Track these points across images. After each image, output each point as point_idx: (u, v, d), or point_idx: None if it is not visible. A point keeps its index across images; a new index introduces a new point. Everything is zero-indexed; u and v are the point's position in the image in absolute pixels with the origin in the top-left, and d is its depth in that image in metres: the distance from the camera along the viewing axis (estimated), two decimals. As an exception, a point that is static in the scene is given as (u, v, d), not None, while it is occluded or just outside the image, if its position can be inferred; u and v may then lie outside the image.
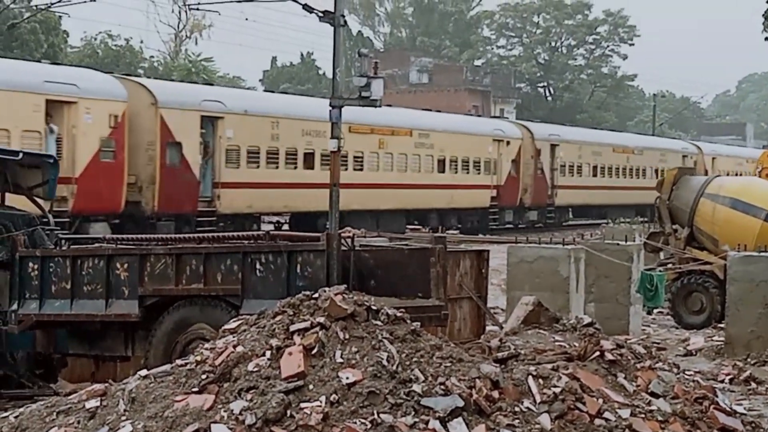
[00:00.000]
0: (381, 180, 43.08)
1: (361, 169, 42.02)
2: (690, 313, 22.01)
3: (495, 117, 77.20)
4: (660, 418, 8.64)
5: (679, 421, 8.69)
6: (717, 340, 17.81)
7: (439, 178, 46.68)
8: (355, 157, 41.65)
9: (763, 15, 47.49)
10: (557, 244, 18.92)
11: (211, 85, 48.18)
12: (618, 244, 20.33)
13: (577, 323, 11.01)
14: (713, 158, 72.98)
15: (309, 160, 39.61)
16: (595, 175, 60.05)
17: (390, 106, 47.39)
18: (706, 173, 65.46)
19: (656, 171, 62.51)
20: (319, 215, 37.02)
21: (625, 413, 8.53)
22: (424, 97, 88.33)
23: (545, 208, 55.33)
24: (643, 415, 8.60)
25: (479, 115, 77.73)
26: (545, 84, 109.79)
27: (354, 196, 39.47)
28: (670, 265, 22.70)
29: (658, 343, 17.34)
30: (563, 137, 57.74)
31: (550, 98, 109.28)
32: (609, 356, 9.34)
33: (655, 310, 23.02)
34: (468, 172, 48.93)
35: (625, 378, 9.17)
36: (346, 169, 39.11)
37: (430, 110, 54.49)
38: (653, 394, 9.04)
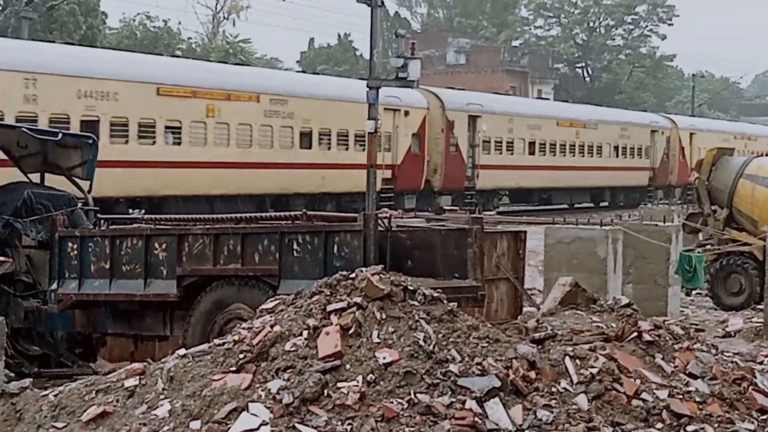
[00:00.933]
0: (208, 157, 34.04)
1: (179, 143, 33.44)
2: (729, 295, 21.91)
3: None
4: (698, 399, 8.61)
5: (718, 402, 8.65)
6: (756, 322, 17.69)
7: (303, 155, 38.01)
8: (168, 127, 33.18)
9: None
10: (595, 225, 18.86)
11: (248, 65, 48.80)
12: (656, 225, 20.23)
13: (614, 304, 10.98)
14: (691, 134, 65.72)
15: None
16: (532, 153, 50.81)
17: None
18: (682, 151, 63.08)
19: (616, 148, 58.14)
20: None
21: (662, 394, 8.51)
22: (462, 78, 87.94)
23: (463, 191, 45.80)
24: (680, 396, 8.57)
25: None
26: (583, 64, 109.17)
27: (171, 178, 32.52)
28: (708, 246, 22.59)
29: (697, 325, 17.25)
30: (487, 107, 48.17)
31: (588, 79, 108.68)
32: (647, 337, 9.31)
33: (693, 292, 22.94)
34: (347, 149, 40.09)
35: (662, 359, 9.14)
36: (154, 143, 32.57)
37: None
38: (691, 375, 9.01)
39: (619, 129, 58.79)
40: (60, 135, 16.05)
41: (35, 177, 15.90)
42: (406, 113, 43.09)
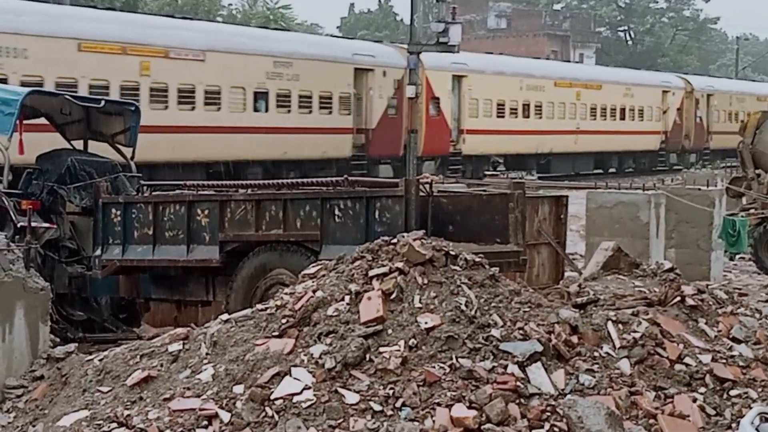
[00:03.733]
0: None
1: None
2: (772, 259, 21.73)
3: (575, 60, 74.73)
4: (741, 364, 8.57)
5: (761, 367, 8.61)
6: (800, 286, 17.59)
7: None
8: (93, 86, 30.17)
9: None
10: (637, 189, 18.76)
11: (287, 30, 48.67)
12: (699, 189, 20.11)
13: (657, 269, 10.93)
14: (708, 95, 62.92)
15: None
16: (526, 116, 47.99)
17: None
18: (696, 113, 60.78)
19: (622, 110, 54.74)
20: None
21: (705, 358, 8.48)
22: (503, 42, 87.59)
23: (448, 157, 43.47)
24: (724, 361, 8.54)
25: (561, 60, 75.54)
26: (626, 28, 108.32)
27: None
28: (752, 210, 22.40)
29: (740, 289, 17.13)
30: (473, 66, 44.80)
31: (630, 42, 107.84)
32: (690, 301, 9.27)
33: (737, 256, 22.78)
34: (328, 111, 38.28)
35: (706, 323, 9.10)
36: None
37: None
38: (735, 340, 8.97)
39: (624, 89, 55.23)
40: (103, 102, 16.12)
41: (78, 144, 15.99)
42: (384, 73, 40.01)
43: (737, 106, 64.36)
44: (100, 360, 9.22)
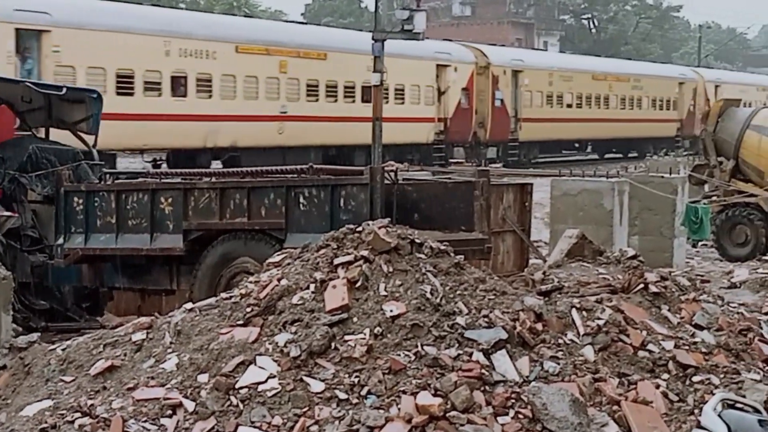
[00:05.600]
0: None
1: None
2: (734, 246, 21.93)
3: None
4: (704, 350, 8.62)
5: (723, 353, 8.67)
6: (761, 272, 17.66)
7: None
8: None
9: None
10: (601, 176, 18.84)
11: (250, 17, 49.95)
12: (662, 176, 20.22)
13: (620, 256, 10.97)
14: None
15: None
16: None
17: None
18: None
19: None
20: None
21: (668, 345, 8.52)
22: (467, 29, 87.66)
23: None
24: (687, 347, 8.58)
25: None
26: (589, 16, 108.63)
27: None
28: (714, 198, 22.57)
29: (702, 276, 17.20)
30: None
31: (594, 30, 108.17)
32: (653, 288, 9.32)
33: (699, 243, 22.95)
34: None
35: (669, 310, 9.15)
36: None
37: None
38: (697, 326, 9.02)
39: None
40: (64, 89, 16.01)
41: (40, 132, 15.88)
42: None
43: (562, 86, 53.18)
44: (63, 349, 9.16)
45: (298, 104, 38.55)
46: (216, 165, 34.69)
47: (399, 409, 7.41)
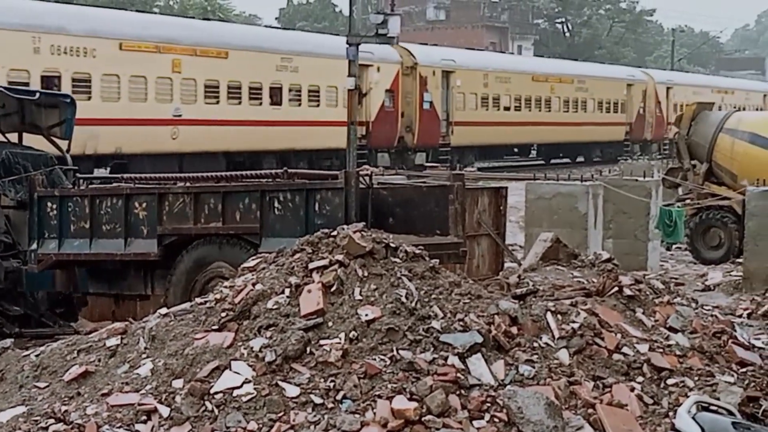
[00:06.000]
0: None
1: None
2: (708, 249, 22.01)
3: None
4: (678, 353, 8.66)
5: (698, 356, 8.71)
6: (735, 275, 17.80)
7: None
8: None
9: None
10: (575, 180, 18.89)
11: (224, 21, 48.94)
12: (636, 180, 20.32)
13: (595, 259, 11.01)
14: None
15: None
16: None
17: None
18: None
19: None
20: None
21: (643, 348, 8.55)
22: (441, 34, 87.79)
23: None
24: (661, 350, 8.62)
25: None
26: (563, 20, 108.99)
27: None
28: (688, 201, 22.67)
29: (677, 279, 17.34)
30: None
31: (568, 34, 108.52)
32: (627, 292, 9.35)
33: (673, 246, 23.03)
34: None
35: (643, 313, 9.19)
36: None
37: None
38: (671, 329, 9.06)
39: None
40: (37, 94, 15.95)
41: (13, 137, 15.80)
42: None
43: (498, 87, 50.49)
44: (37, 355, 9.12)
45: (194, 107, 35.19)
46: (101, 173, 31.00)
47: (374, 413, 7.41)
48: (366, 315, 8.16)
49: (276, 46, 34.70)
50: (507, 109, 50.78)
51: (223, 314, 8.47)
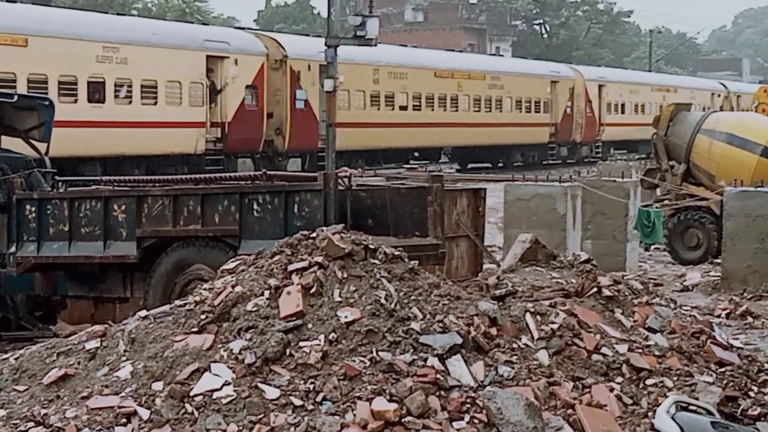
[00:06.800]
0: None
1: None
2: (687, 249, 22.09)
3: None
4: (657, 353, 8.69)
5: (677, 356, 8.74)
6: (713, 276, 17.87)
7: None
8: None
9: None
10: (554, 181, 18.94)
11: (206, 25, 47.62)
12: (614, 180, 20.40)
13: (574, 260, 11.04)
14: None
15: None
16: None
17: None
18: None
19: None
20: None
21: (622, 348, 8.58)
22: (420, 35, 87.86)
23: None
24: (640, 350, 8.65)
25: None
26: (541, 21, 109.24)
27: None
28: (666, 202, 22.75)
29: (655, 279, 17.40)
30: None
31: (545, 36, 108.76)
32: (606, 292, 9.38)
33: (652, 247, 23.11)
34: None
35: (622, 314, 9.22)
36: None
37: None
38: (650, 330, 9.09)
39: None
40: (16, 97, 15.90)
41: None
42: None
43: (392, 84, 44.85)
44: (16, 359, 9.09)
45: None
46: None
47: (354, 415, 7.41)
48: (345, 317, 8.17)
49: (96, 33, 30.24)
50: (404, 108, 45.31)
51: (203, 316, 8.46)
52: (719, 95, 67.28)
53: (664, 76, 76.96)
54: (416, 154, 49.01)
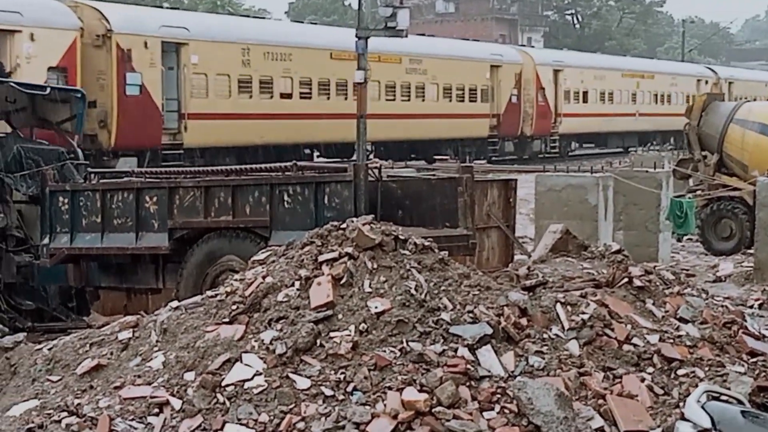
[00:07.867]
0: None
1: None
2: (719, 240, 21.99)
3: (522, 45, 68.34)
4: (688, 343, 8.66)
5: (708, 346, 8.71)
6: (746, 266, 17.80)
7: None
8: None
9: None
10: (585, 172, 18.89)
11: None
12: (647, 171, 20.32)
13: (605, 250, 11.00)
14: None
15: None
16: None
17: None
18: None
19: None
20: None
21: (653, 339, 8.56)
22: (451, 26, 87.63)
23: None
24: (671, 341, 8.62)
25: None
26: (573, 11, 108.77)
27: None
28: (699, 192, 22.64)
29: (687, 270, 17.34)
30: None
31: (578, 26, 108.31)
32: (637, 282, 9.35)
33: (684, 237, 23.02)
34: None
35: (653, 304, 9.19)
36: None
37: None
38: (682, 320, 9.06)
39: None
40: (48, 89, 16.00)
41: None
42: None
43: (269, 67, 37.46)
44: (50, 349, 9.16)
45: None
46: None
47: (385, 405, 7.43)
48: (376, 307, 8.18)
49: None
50: (287, 96, 38.03)
51: (234, 307, 8.50)
52: (706, 82, 60.54)
53: (639, 61, 67.97)
54: (309, 150, 40.25)
